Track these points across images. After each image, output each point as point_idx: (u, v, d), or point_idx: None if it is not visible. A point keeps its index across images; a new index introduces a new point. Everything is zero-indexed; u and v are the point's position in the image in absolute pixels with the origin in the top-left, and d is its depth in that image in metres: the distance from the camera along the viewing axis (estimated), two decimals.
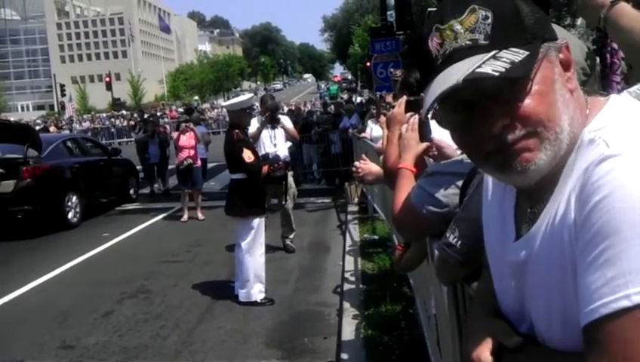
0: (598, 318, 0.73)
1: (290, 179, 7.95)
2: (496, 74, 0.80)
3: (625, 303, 0.71)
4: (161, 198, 13.03)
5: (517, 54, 0.83)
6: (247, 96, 6.80)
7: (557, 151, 0.86)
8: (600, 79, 1.90)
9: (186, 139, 10.58)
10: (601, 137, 0.83)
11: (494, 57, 0.83)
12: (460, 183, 1.84)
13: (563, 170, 0.86)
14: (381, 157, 3.00)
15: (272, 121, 7.75)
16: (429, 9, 3.10)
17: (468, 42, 0.85)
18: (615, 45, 1.91)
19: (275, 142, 7.71)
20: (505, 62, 0.82)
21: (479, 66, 0.82)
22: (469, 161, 1.85)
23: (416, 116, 2.26)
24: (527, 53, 0.83)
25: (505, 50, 0.83)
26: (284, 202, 7.77)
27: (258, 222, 5.93)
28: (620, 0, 1.69)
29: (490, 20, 0.85)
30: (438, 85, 0.85)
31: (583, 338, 0.77)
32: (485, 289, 1.14)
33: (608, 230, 0.74)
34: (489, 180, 1.10)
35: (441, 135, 2.15)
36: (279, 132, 7.85)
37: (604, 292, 0.72)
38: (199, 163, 10.84)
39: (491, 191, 1.10)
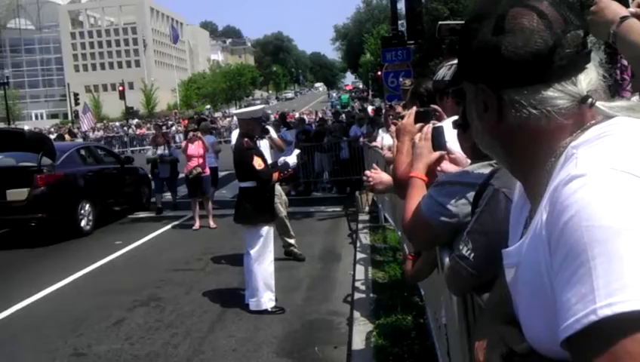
0: (572, 334, 0.76)
1: (279, 188, 7.94)
2: None
3: (592, 318, 0.74)
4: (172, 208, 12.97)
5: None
6: (258, 106, 6.86)
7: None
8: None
9: (195, 148, 10.63)
10: (576, 154, 0.87)
11: None
12: (470, 193, 1.85)
13: (549, 182, 0.90)
14: (391, 166, 3.02)
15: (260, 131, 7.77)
16: (440, 22, 3.13)
17: None
18: (625, 62, 1.92)
19: None
20: None
21: None
22: (479, 171, 1.88)
23: (430, 125, 2.27)
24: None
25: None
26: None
27: (267, 230, 5.94)
28: (630, 16, 1.71)
29: None
30: None
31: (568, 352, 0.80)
32: (498, 296, 1.16)
33: (578, 249, 0.77)
34: (517, 186, 1.13)
35: (452, 143, 2.15)
36: (264, 142, 7.89)
37: (577, 309, 0.76)
38: (208, 171, 10.88)
39: (516, 198, 1.13)
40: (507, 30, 0.94)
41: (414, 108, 2.59)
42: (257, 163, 5.87)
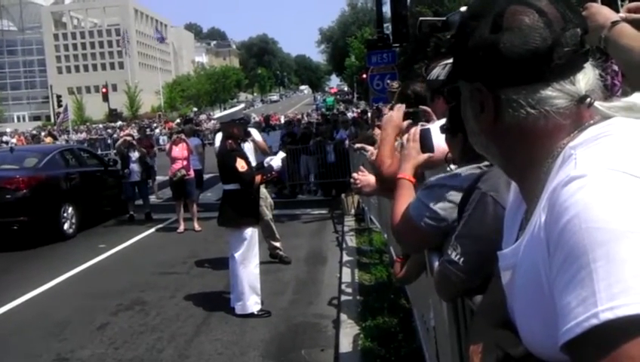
0: (573, 337, 0.75)
1: (264, 191, 7.89)
2: None
3: (594, 321, 0.72)
4: (158, 209, 12.62)
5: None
6: (237, 107, 6.83)
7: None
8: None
9: (179, 151, 10.56)
10: (575, 155, 0.86)
11: None
12: (459, 197, 1.84)
13: (547, 183, 0.89)
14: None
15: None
16: (421, 18, 3.10)
17: None
18: (615, 67, 1.93)
19: None
20: None
21: None
22: (467, 173, 1.87)
23: (419, 126, 2.26)
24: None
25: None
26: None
27: (251, 233, 5.91)
28: (621, 20, 1.72)
29: None
30: None
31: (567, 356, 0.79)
32: (492, 299, 1.14)
33: (578, 251, 0.76)
34: (511, 188, 1.12)
35: (438, 143, 2.15)
36: (248, 145, 7.84)
37: (578, 312, 0.74)
38: (192, 173, 10.80)
39: (511, 199, 1.12)
40: (505, 28, 0.92)
41: (404, 105, 2.58)
42: (240, 165, 5.84)
